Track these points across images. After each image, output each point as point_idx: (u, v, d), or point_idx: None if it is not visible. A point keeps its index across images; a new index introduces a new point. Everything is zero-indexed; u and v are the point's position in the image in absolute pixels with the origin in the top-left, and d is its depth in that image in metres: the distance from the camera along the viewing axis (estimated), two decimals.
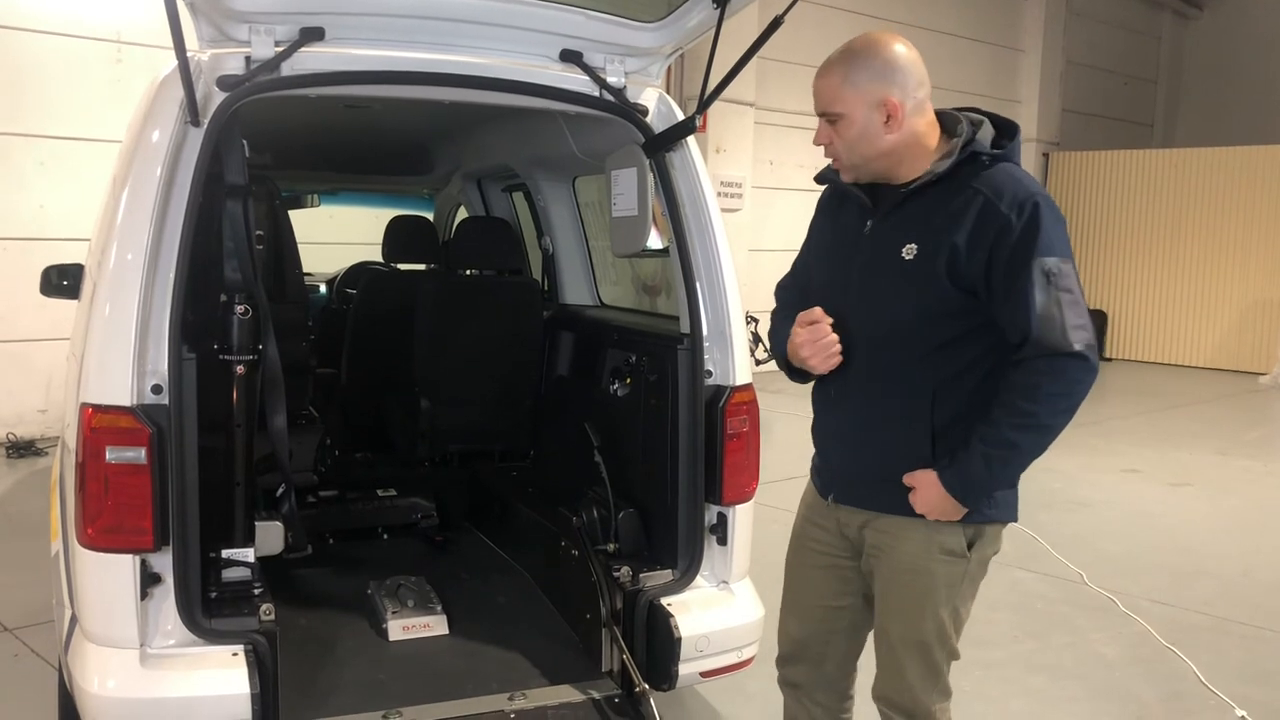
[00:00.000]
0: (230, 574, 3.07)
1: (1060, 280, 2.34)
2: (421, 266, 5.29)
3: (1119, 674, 4.61)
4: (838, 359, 2.58)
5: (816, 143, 2.59)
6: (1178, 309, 15.70)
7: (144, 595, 2.76)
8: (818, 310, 2.61)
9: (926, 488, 2.51)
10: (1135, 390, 13.49)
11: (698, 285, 3.41)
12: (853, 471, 2.70)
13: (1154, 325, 15.94)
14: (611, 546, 3.62)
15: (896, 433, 2.57)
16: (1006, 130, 2.55)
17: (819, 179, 2.81)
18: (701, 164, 3.49)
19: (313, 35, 2.98)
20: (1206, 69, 19.99)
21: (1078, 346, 2.35)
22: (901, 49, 2.49)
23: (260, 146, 3.45)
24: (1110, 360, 16.07)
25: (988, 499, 2.56)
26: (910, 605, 2.62)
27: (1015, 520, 2.67)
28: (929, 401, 2.52)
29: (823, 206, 2.85)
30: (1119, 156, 16.52)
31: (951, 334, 2.49)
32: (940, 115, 2.57)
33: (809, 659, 2.88)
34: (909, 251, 2.49)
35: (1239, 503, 7.81)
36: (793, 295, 2.86)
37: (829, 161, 2.67)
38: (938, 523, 2.55)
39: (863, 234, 2.61)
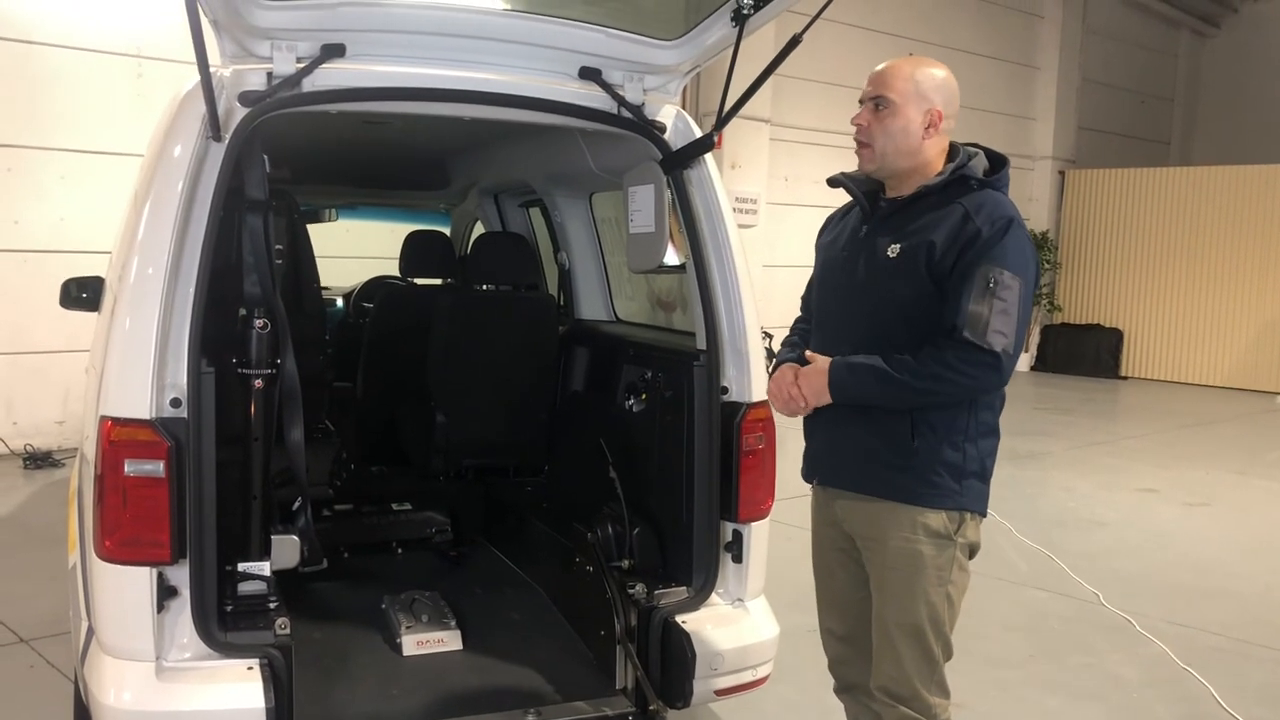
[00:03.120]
0: (246, 587, 3.07)
1: (999, 290, 2.58)
2: (438, 281, 5.30)
3: (1136, 695, 4.57)
4: (798, 412, 2.86)
5: (854, 121, 2.78)
6: (1194, 328, 15.62)
7: (160, 608, 2.76)
8: (809, 356, 2.88)
9: (814, 369, 2.76)
10: (1152, 409, 13.43)
11: (714, 301, 3.41)
12: (837, 455, 2.90)
13: (1170, 344, 15.86)
14: (626, 563, 3.61)
15: (877, 421, 2.75)
16: (998, 163, 2.81)
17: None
18: (718, 180, 3.49)
19: (334, 52, 3.00)
20: (1224, 87, 19.95)
21: (995, 347, 2.56)
22: (954, 80, 2.80)
23: (280, 161, 3.47)
24: (1126, 379, 16.01)
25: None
26: (902, 588, 2.77)
27: (985, 514, 2.85)
28: None
29: (825, 229, 3.10)
30: (1135, 174, 16.46)
31: (928, 323, 2.67)
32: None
33: (859, 654, 2.98)
34: (893, 250, 2.74)
35: (1258, 523, 7.76)
36: (803, 325, 3.13)
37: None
38: (920, 507, 2.73)
39: (859, 237, 2.88)
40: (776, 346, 3.30)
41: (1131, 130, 19.00)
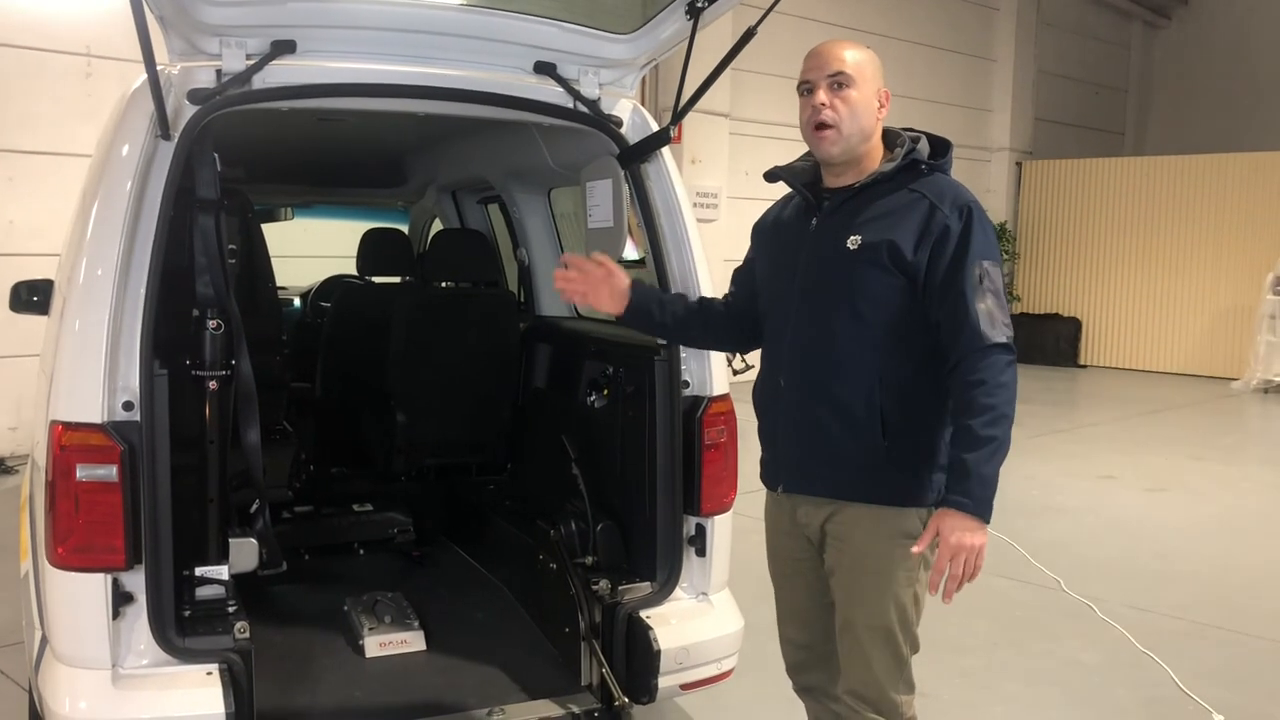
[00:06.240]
0: (204, 592, 3.03)
1: (989, 282, 2.55)
2: (396, 279, 5.27)
3: (1097, 680, 4.62)
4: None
5: (818, 104, 2.65)
6: (1150, 315, 15.83)
7: (116, 615, 2.72)
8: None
9: (947, 524, 2.46)
10: (1109, 397, 13.59)
11: None
12: (805, 460, 2.78)
13: (1127, 332, 16.06)
14: (590, 559, 3.60)
15: (847, 419, 2.66)
16: (940, 147, 2.74)
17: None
18: (676, 175, 3.49)
19: (284, 48, 2.96)
20: (1175, 78, 20.23)
21: (1005, 338, 2.53)
22: None
23: (233, 160, 3.43)
24: (1084, 367, 16.20)
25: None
26: (872, 591, 2.71)
27: None
28: (876, 386, 2.64)
29: (762, 225, 3.00)
30: (1091, 165, 16.67)
31: (893, 319, 2.62)
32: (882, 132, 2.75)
33: (818, 661, 2.95)
34: (853, 242, 2.64)
35: (1214, 507, 7.87)
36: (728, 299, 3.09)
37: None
38: (896, 508, 2.66)
39: (808, 230, 2.76)
40: None
41: (1086, 121, 19.21)
